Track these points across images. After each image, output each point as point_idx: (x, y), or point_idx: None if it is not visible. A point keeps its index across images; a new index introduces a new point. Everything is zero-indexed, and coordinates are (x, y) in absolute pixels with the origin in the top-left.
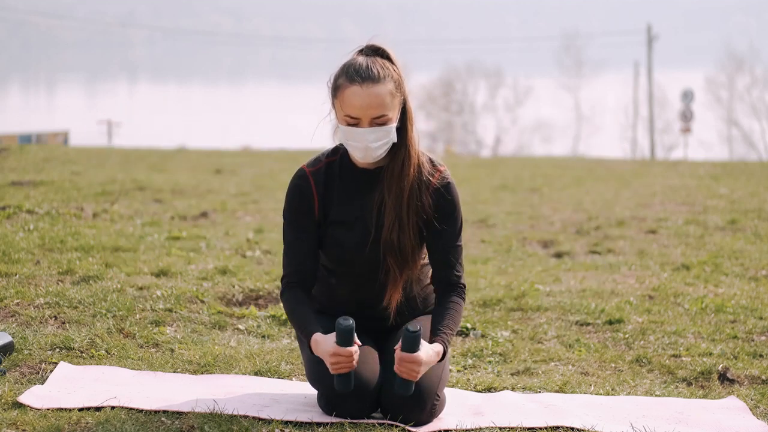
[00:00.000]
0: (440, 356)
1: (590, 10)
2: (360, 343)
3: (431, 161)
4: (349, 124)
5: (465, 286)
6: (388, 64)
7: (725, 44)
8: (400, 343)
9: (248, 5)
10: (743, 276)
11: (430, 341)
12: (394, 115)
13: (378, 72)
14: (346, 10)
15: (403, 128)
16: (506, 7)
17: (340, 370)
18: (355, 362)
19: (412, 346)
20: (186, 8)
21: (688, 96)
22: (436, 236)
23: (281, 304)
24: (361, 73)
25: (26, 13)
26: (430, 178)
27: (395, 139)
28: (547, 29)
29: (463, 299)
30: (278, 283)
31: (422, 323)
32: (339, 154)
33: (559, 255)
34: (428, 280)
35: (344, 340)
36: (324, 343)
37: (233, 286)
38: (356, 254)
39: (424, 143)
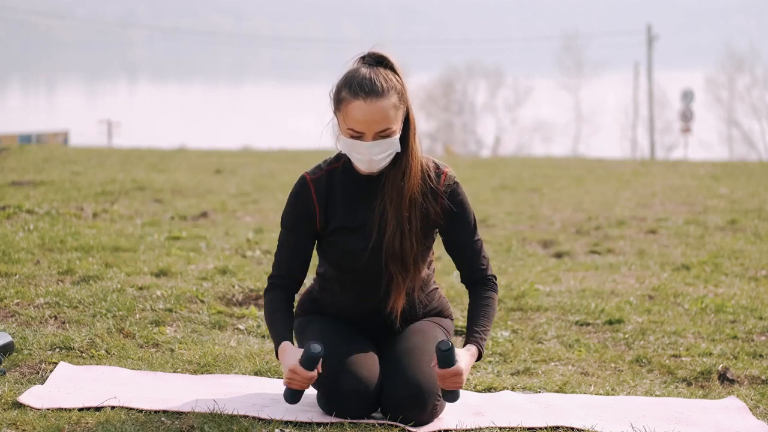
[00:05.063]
0: (476, 357)
1: (590, 10)
2: (320, 371)
3: (436, 165)
4: (352, 137)
5: (494, 277)
6: (390, 75)
7: (725, 44)
8: (435, 361)
9: (248, 5)
10: (743, 276)
11: (465, 343)
12: (398, 127)
13: (382, 85)
14: (346, 10)
15: (405, 137)
16: (506, 7)
17: (292, 386)
18: (308, 386)
19: (448, 362)
20: (186, 8)
21: (688, 96)
22: (453, 238)
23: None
24: (364, 88)
25: (26, 13)
26: (437, 184)
27: (399, 149)
28: (547, 29)
29: (495, 290)
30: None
31: (439, 327)
32: (342, 161)
33: (559, 255)
34: (432, 286)
35: (308, 364)
36: (290, 355)
37: (233, 286)
38: (358, 260)
39: (424, 143)
